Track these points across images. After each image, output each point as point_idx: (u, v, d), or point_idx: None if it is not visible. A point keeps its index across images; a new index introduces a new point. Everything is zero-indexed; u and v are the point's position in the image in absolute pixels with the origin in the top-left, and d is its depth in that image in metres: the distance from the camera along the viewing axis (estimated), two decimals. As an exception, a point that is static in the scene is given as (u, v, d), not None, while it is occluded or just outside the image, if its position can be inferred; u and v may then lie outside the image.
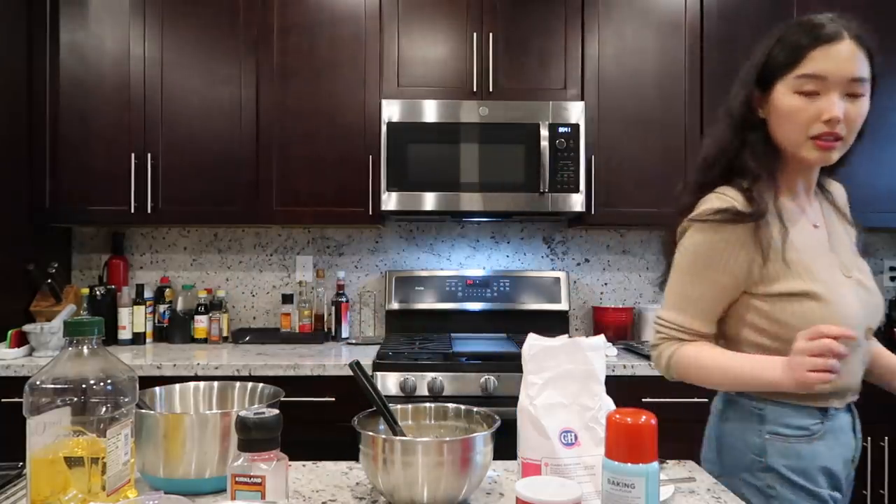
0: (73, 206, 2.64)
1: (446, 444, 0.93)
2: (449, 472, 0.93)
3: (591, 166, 2.65)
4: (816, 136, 1.11)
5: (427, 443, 0.94)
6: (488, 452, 0.98)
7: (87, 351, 0.88)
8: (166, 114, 2.65)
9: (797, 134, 1.12)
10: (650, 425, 0.77)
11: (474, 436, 0.95)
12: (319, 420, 2.23)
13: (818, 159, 1.14)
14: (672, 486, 1.05)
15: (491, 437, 0.98)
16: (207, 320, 2.80)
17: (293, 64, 2.65)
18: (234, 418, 0.88)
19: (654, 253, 3.07)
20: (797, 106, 1.10)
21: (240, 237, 3.02)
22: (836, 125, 1.09)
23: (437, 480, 0.93)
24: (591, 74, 2.68)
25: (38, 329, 2.45)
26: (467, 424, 1.11)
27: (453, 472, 0.93)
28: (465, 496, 0.98)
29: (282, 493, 0.81)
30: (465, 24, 2.66)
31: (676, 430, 2.08)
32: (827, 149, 1.11)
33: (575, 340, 0.96)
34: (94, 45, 2.64)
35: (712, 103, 2.67)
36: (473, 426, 1.10)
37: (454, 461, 0.93)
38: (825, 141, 1.10)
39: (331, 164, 2.65)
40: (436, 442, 0.94)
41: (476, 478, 0.96)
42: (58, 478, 0.83)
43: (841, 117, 1.09)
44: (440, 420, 1.14)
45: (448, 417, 1.14)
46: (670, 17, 2.70)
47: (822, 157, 1.13)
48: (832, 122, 1.09)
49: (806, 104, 1.10)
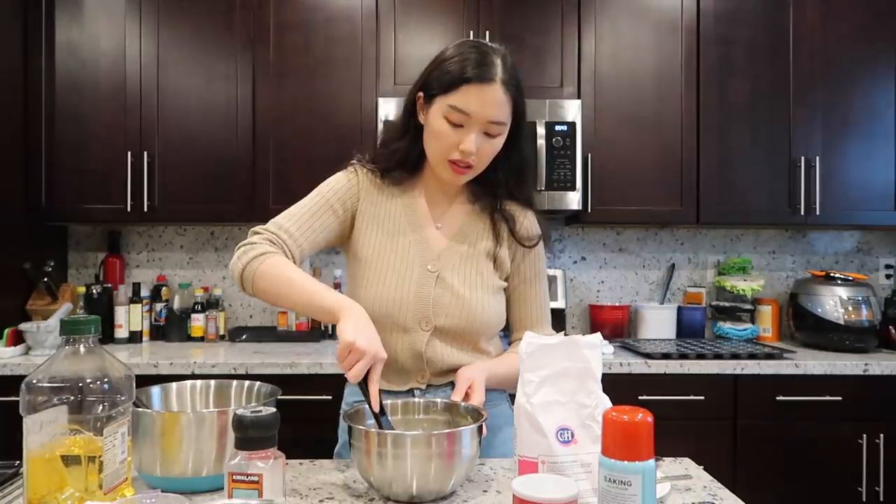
0: (69, 205, 2.63)
1: (434, 437, 0.95)
2: (437, 465, 0.95)
3: (587, 164, 2.65)
4: (453, 160, 1.23)
5: (416, 436, 0.96)
6: (475, 445, 1.00)
7: (83, 349, 0.87)
8: (162, 112, 2.64)
9: (438, 153, 1.24)
10: (646, 423, 0.77)
11: (461, 429, 0.97)
12: (316, 418, 2.22)
13: (450, 179, 1.27)
14: (668, 484, 1.05)
15: (477, 430, 1.00)
16: (204, 319, 2.80)
17: (289, 62, 2.65)
18: (230, 417, 0.88)
19: (650, 251, 3.07)
20: (443, 130, 1.21)
21: (236, 235, 3.01)
22: (469, 156, 1.22)
23: (426, 473, 0.95)
24: (588, 73, 2.68)
25: (34, 328, 2.45)
26: (454, 418, 1.14)
27: (441, 464, 0.95)
28: (454, 487, 1.00)
29: (279, 491, 0.81)
30: (462, 21, 2.66)
31: (673, 428, 2.09)
32: (458, 173, 1.25)
33: (572, 338, 0.97)
34: (89, 43, 2.63)
35: (709, 102, 2.68)
36: (460, 420, 1.12)
37: (442, 454, 0.95)
38: (458, 167, 1.23)
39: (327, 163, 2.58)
40: (424, 435, 0.96)
41: (463, 470, 0.99)
42: (55, 476, 0.83)
43: (474, 151, 1.21)
44: (428, 414, 1.16)
45: (436, 412, 1.16)
46: (667, 15, 2.70)
47: (454, 179, 1.27)
48: (465, 154, 1.21)
49: (450, 131, 1.21)
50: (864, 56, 2.68)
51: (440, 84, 1.21)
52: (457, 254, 1.31)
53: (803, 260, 3.10)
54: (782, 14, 2.69)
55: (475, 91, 1.18)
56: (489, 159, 1.26)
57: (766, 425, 2.37)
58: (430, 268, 1.28)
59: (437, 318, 1.26)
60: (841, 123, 2.68)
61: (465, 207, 1.37)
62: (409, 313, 1.25)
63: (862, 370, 2.35)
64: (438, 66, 1.24)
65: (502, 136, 1.24)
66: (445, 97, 1.20)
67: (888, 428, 2.37)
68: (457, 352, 1.29)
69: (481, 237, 1.34)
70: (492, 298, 1.30)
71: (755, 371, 2.35)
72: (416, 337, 1.26)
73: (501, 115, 1.21)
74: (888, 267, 3.07)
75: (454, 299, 1.27)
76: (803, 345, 2.76)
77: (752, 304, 2.91)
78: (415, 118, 1.29)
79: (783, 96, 2.69)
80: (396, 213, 1.33)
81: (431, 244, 1.31)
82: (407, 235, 1.31)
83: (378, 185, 1.35)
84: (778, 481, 2.37)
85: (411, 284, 1.26)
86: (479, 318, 1.27)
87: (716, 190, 2.69)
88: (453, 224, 1.34)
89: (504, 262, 1.34)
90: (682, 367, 2.35)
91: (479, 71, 1.18)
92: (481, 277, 1.30)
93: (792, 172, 2.69)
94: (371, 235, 1.31)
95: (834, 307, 2.65)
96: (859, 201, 2.70)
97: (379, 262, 1.28)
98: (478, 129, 1.20)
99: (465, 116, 1.19)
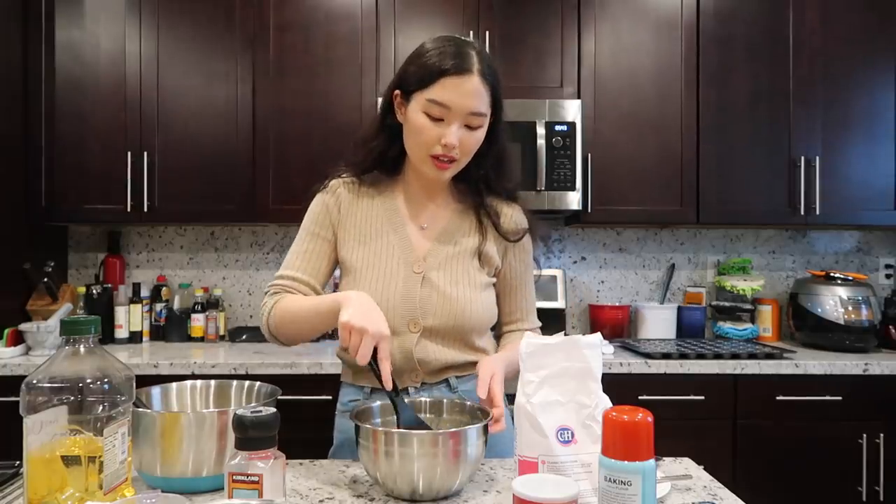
0: (69, 205, 2.63)
1: (440, 436, 0.95)
2: (443, 464, 0.95)
3: (587, 164, 2.65)
4: (435, 155, 1.22)
5: (422, 435, 0.96)
6: (481, 445, 1.00)
7: (83, 350, 0.88)
8: (162, 112, 2.64)
9: (420, 150, 1.23)
10: (647, 423, 0.77)
11: (467, 428, 0.98)
12: (317, 418, 2.21)
13: (434, 175, 1.26)
14: (668, 484, 1.05)
15: (483, 430, 1.00)
16: (204, 319, 2.80)
17: (289, 62, 2.65)
18: (230, 417, 0.88)
19: (650, 251, 3.07)
20: (423, 125, 1.20)
21: (236, 235, 3.02)
22: (451, 150, 1.21)
23: (433, 471, 0.95)
24: (588, 73, 2.68)
25: (34, 328, 2.45)
26: (462, 417, 1.14)
27: (448, 463, 0.95)
28: (460, 486, 1.00)
29: (279, 491, 0.81)
30: (462, 21, 2.66)
31: (673, 428, 2.09)
32: (442, 168, 1.24)
33: (572, 338, 0.97)
34: (89, 43, 2.63)
35: (708, 102, 2.68)
36: (467, 419, 1.12)
37: (448, 453, 0.95)
38: (441, 162, 1.22)
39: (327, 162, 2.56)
40: (431, 434, 0.96)
41: (469, 469, 0.99)
42: (55, 477, 0.83)
43: (456, 144, 1.20)
44: (436, 414, 1.16)
45: (444, 411, 1.16)
46: (667, 15, 2.70)
47: (437, 175, 1.25)
48: (448, 147, 1.20)
49: (431, 126, 1.20)
50: (864, 56, 2.67)
51: (417, 79, 1.21)
52: (442, 253, 1.31)
53: (803, 260, 3.10)
54: (782, 14, 2.69)
55: (453, 83, 1.17)
56: (472, 152, 1.25)
57: (765, 425, 2.37)
58: (416, 269, 1.28)
59: (425, 319, 1.26)
60: (841, 123, 2.68)
61: (450, 206, 1.36)
62: (396, 315, 1.25)
63: (862, 370, 2.35)
64: (414, 61, 1.24)
65: (483, 127, 1.24)
66: (423, 92, 1.19)
67: (888, 428, 2.37)
68: (448, 350, 1.29)
69: (467, 234, 1.34)
70: (480, 296, 1.30)
71: (755, 371, 2.35)
72: (406, 339, 1.26)
73: (481, 106, 1.20)
74: (888, 267, 3.07)
75: (441, 299, 1.26)
76: (803, 345, 2.76)
77: (752, 304, 2.91)
78: (391, 116, 1.29)
79: (783, 96, 2.69)
80: (377, 217, 1.33)
81: (415, 245, 1.31)
82: (389, 238, 1.31)
83: (356, 193, 1.35)
84: (778, 481, 2.37)
85: (397, 287, 1.26)
86: (467, 316, 1.27)
87: (715, 190, 2.69)
88: (438, 223, 1.34)
89: (492, 257, 1.34)
90: (682, 367, 2.35)
91: (456, 62, 1.18)
92: (468, 275, 1.30)
93: (792, 172, 2.69)
94: (353, 244, 1.31)
95: (834, 307, 2.65)
96: (859, 201, 2.70)
97: (364, 268, 1.28)
98: (458, 122, 1.20)
99: (445, 109, 1.18)
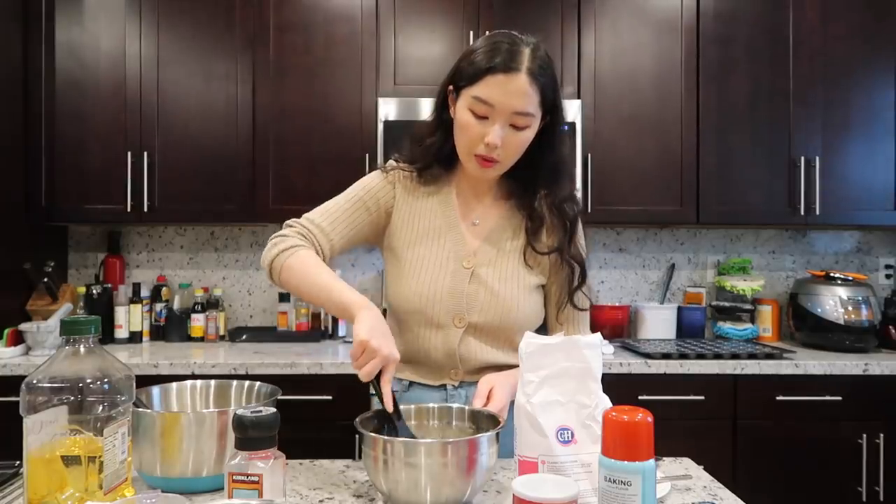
0: (69, 205, 2.63)
1: (450, 445, 0.92)
2: (453, 474, 0.91)
3: (587, 165, 2.65)
4: (479, 154, 1.20)
5: (430, 444, 0.93)
6: (493, 454, 0.96)
7: (83, 350, 0.88)
8: (162, 112, 2.64)
9: (464, 147, 1.22)
10: (646, 423, 0.77)
11: (479, 436, 0.94)
12: (317, 418, 2.23)
13: (477, 174, 1.24)
14: (668, 484, 1.05)
15: (495, 437, 0.97)
16: (204, 319, 2.80)
17: (289, 62, 2.65)
18: (230, 417, 0.88)
19: (650, 251, 3.07)
20: (468, 122, 1.19)
21: (236, 236, 3.02)
22: (493, 150, 1.18)
23: (441, 482, 0.91)
24: (588, 73, 2.68)
25: (34, 328, 2.45)
26: (471, 425, 1.10)
27: (457, 473, 0.91)
28: (469, 498, 0.96)
29: (279, 491, 0.81)
30: (462, 21, 2.66)
31: (673, 428, 2.09)
32: (484, 167, 1.21)
33: (571, 338, 0.97)
34: (89, 43, 2.63)
35: (708, 102, 2.68)
36: (477, 426, 1.08)
37: (458, 462, 0.91)
38: (484, 161, 1.20)
39: (327, 163, 2.64)
40: (440, 443, 0.93)
41: (480, 479, 0.95)
42: (55, 477, 0.83)
43: (499, 144, 1.17)
44: (444, 420, 1.13)
45: (452, 418, 1.13)
46: (667, 15, 2.70)
47: (480, 173, 1.24)
48: (490, 147, 1.18)
49: (475, 123, 1.18)
50: (864, 56, 2.67)
51: (466, 75, 1.19)
52: (492, 250, 1.29)
53: (803, 260, 3.10)
54: (782, 14, 2.69)
55: (499, 81, 1.15)
56: (517, 153, 1.22)
57: (766, 425, 2.37)
58: (466, 264, 1.27)
59: (470, 315, 1.25)
60: (841, 123, 2.68)
61: (501, 204, 1.34)
62: (442, 309, 1.24)
63: (862, 370, 2.35)
64: (466, 56, 1.22)
65: (531, 128, 1.20)
66: (470, 88, 1.18)
67: (888, 428, 2.37)
68: (492, 349, 1.27)
69: (517, 234, 1.32)
70: (527, 296, 1.28)
71: (755, 371, 2.35)
72: (450, 333, 1.25)
73: (527, 106, 1.16)
74: (888, 267, 3.06)
75: (489, 296, 1.25)
76: (803, 345, 2.76)
77: (752, 304, 2.90)
78: (446, 112, 1.27)
79: (783, 96, 2.69)
80: (432, 211, 1.32)
81: (467, 241, 1.30)
82: (442, 233, 1.30)
83: (413, 184, 1.34)
84: (778, 481, 2.37)
85: (445, 280, 1.25)
86: (513, 315, 1.26)
87: (715, 190, 2.69)
88: (488, 221, 1.32)
89: (541, 260, 1.31)
90: (682, 367, 2.35)
91: (503, 60, 1.15)
92: (517, 275, 1.28)
93: (792, 172, 2.69)
94: (407, 233, 1.31)
95: (834, 307, 2.65)
96: (859, 201, 2.70)
97: (414, 259, 1.28)
98: (502, 122, 1.17)
99: (489, 108, 1.16)
